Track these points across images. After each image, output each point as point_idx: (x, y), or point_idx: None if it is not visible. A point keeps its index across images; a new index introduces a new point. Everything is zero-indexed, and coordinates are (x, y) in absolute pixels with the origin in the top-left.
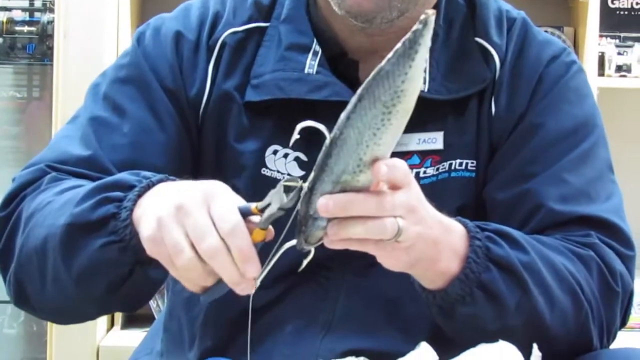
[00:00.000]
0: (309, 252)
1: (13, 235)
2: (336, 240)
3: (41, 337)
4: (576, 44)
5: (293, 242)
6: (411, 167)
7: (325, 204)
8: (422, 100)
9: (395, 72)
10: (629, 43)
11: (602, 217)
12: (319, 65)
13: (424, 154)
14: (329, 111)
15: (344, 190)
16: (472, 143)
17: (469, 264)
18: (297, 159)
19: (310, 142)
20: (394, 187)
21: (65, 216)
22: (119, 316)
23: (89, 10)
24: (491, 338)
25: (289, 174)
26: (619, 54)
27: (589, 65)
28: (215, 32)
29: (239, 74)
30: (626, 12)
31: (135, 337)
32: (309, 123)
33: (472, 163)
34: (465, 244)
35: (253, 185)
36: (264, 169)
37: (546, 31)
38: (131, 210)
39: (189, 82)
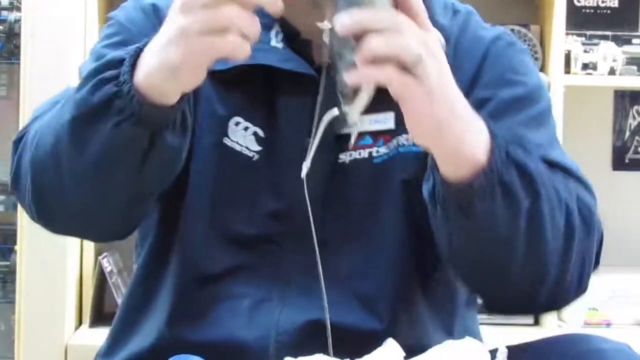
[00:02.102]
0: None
1: (22, 155)
2: (361, 62)
3: (9, 335)
4: (542, 42)
5: (334, 110)
6: (364, 147)
7: (341, 20)
8: None
9: None
10: (595, 41)
11: (566, 165)
12: (281, 42)
13: (376, 135)
14: (292, 86)
15: None
16: None
17: (494, 156)
18: (255, 134)
19: (270, 119)
20: None
21: (68, 112)
22: (87, 315)
23: (56, 9)
24: (499, 239)
25: (247, 148)
26: (585, 51)
27: (555, 63)
28: None
29: None
30: (592, 10)
31: (104, 335)
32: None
33: None
34: (488, 138)
35: (215, 153)
36: (226, 138)
37: (512, 29)
38: (131, 80)
39: None
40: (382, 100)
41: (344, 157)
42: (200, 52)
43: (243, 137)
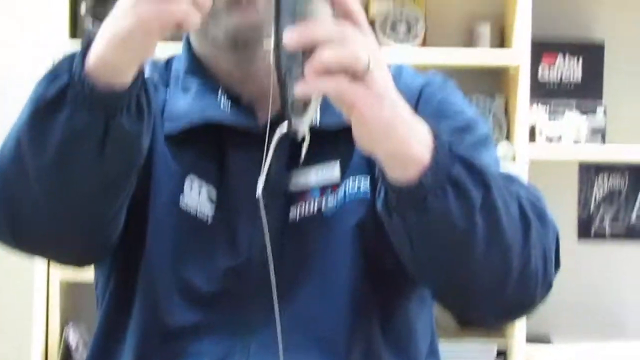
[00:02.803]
0: (303, 140)
1: None
2: (312, 74)
3: None
4: (507, 113)
5: (284, 126)
6: (313, 200)
7: (289, 34)
8: (316, 133)
9: None
10: (559, 112)
11: (510, 174)
12: (228, 102)
13: (323, 187)
14: (241, 143)
15: None
16: (364, 162)
17: (438, 154)
18: (209, 196)
19: (222, 177)
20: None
21: (26, 112)
22: None
23: (25, 65)
24: (458, 237)
25: (201, 211)
26: (549, 121)
27: (520, 133)
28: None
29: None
30: (556, 83)
31: None
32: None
33: (366, 181)
34: (431, 137)
35: (171, 214)
36: (181, 199)
37: (477, 100)
38: (83, 67)
39: None
40: (325, 150)
41: (294, 213)
42: (152, 18)
43: (197, 199)
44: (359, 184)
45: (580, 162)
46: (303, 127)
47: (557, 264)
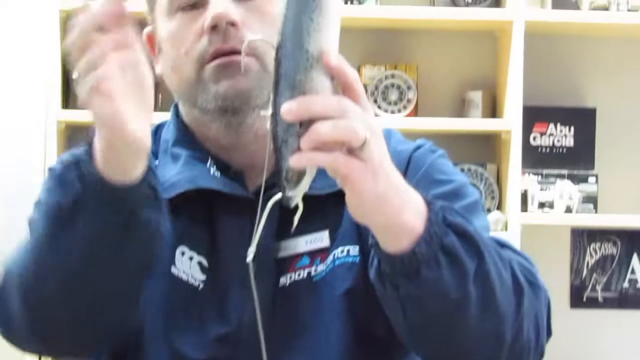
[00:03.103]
0: (296, 209)
1: (6, 299)
2: (308, 147)
3: None
4: (499, 181)
5: (278, 195)
6: (303, 267)
7: (287, 106)
8: (305, 199)
9: None
10: (551, 179)
11: (501, 240)
12: (218, 172)
13: (313, 254)
14: (232, 211)
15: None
16: (353, 229)
17: (431, 224)
18: (199, 263)
19: (212, 245)
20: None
21: (41, 226)
22: None
23: (16, 151)
24: (451, 306)
25: (192, 277)
26: (541, 190)
27: (512, 201)
28: None
29: None
30: (547, 150)
31: None
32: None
33: (355, 248)
34: (424, 207)
35: (163, 281)
36: (173, 267)
37: (469, 169)
38: (92, 168)
39: None
40: (315, 218)
41: (284, 280)
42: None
43: (188, 266)
44: (347, 251)
45: (572, 228)
46: (296, 197)
47: (549, 332)
